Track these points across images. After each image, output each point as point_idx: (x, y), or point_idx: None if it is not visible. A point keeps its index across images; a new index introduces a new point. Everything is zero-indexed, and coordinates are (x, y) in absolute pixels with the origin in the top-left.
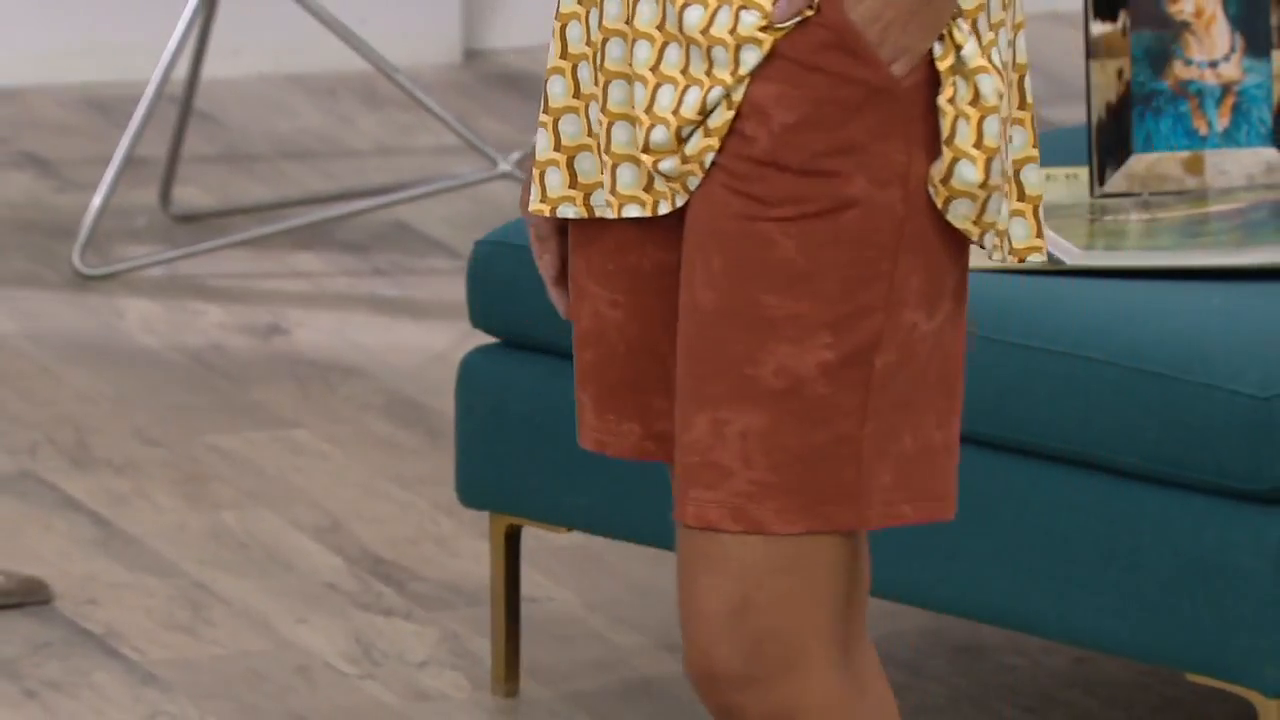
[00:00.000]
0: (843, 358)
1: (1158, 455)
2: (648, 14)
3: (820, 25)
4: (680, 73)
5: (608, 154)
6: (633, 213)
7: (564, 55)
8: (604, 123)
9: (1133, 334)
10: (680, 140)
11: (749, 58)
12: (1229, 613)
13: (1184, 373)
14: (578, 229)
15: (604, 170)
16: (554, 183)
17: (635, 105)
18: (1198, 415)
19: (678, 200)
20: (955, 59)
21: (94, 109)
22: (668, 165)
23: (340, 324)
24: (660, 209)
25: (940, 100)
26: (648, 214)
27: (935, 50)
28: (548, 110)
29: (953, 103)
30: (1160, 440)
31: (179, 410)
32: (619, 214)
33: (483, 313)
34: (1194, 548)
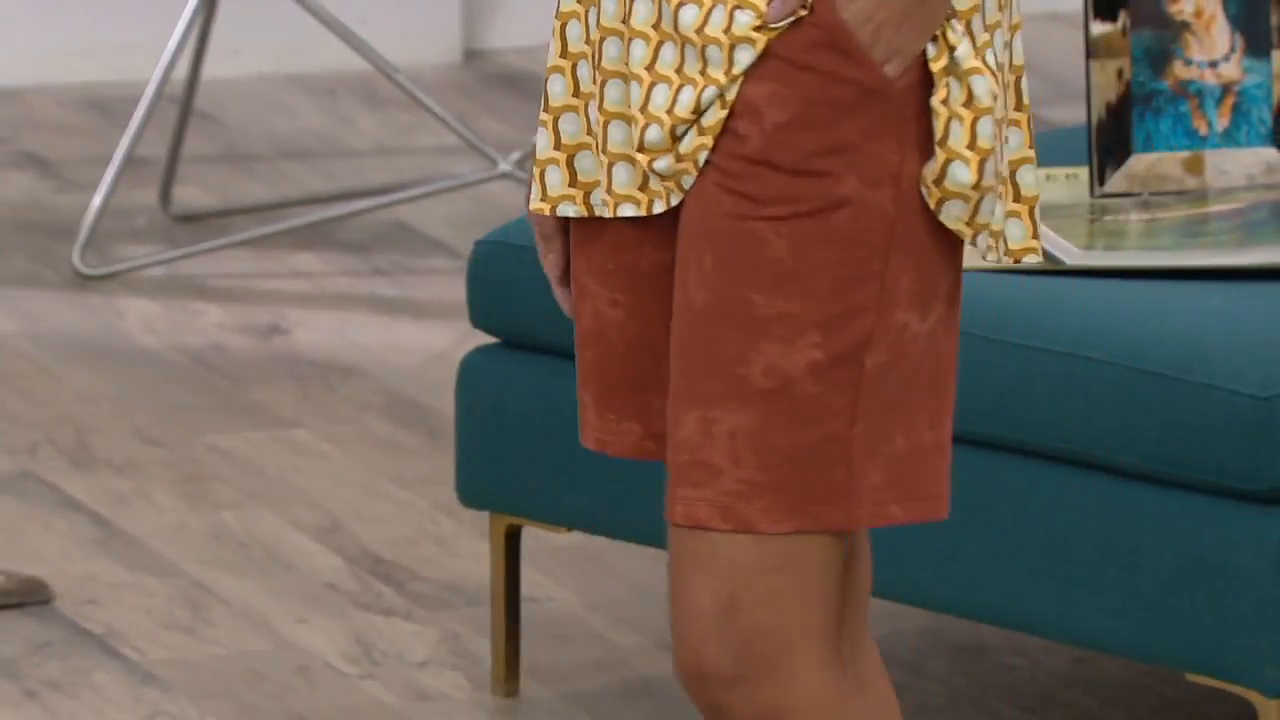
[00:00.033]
0: (832, 357)
1: (1158, 455)
2: (644, 13)
3: (813, 25)
4: (675, 72)
5: (604, 153)
6: (628, 212)
7: (564, 54)
8: (601, 122)
9: (1133, 334)
10: (675, 139)
11: (743, 57)
12: (1229, 613)
13: (1184, 373)
14: (579, 228)
15: (601, 169)
16: (554, 181)
17: (631, 104)
18: (1198, 415)
19: (672, 199)
20: (949, 60)
21: (94, 109)
22: (662, 164)
23: (340, 324)
24: (655, 208)
25: (934, 101)
26: (643, 213)
27: (929, 51)
28: (548, 109)
29: (946, 104)
30: (1160, 440)
31: (179, 410)
32: (614, 213)
33: (483, 313)
34: (1194, 548)
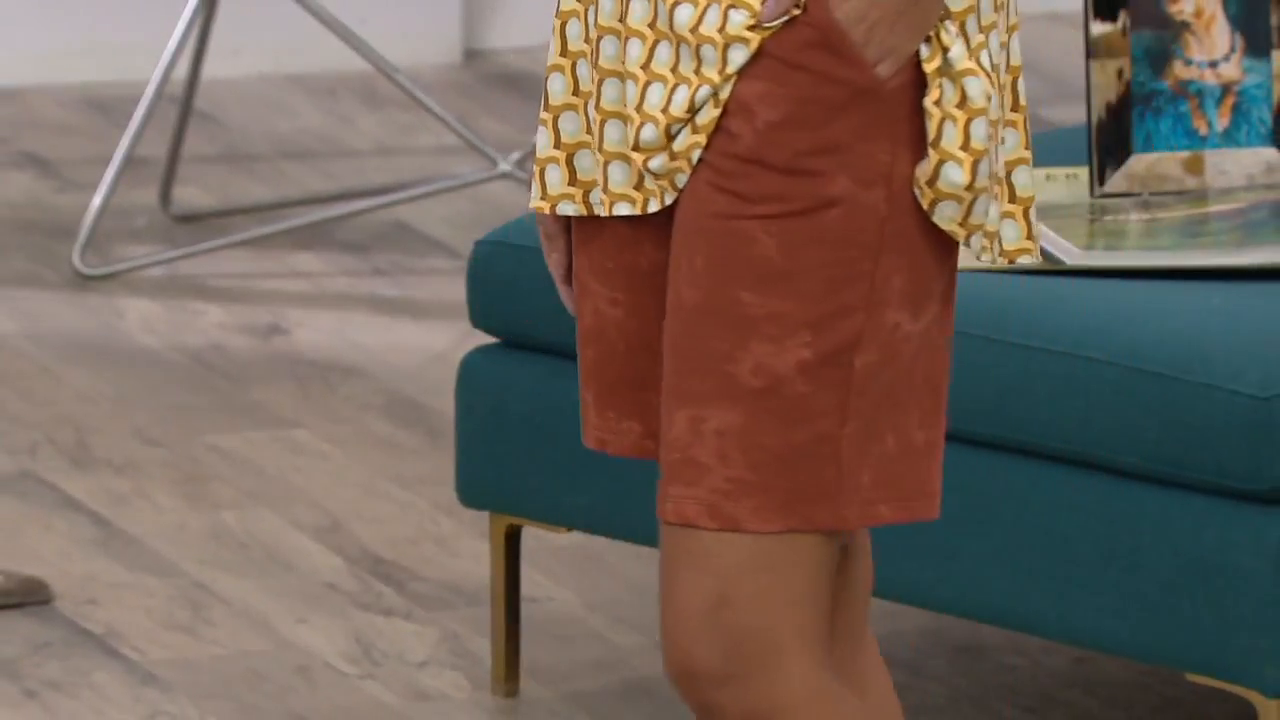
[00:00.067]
0: (822, 357)
1: (1158, 455)
2: (640, 12)
3: (807, 24)
4: (670, 71)
5: (600, 152)
6: (623, 211)
7: (564, 53)
8: (597, 120)
9: (1133, 334)
10: (669, 138)
11: (736, 56)
12: (1229, 613)
13: (1184, 373)
14: (580, 227)
15: (598, 168)
16: (554, 180)
17: (626, 103)
18: (1198, 415)
19: (666, 198)
20: (942, 61)
21: (94, 109)
22: (656, 163)
23: (340, 324)
24: (650, 207)
25: (926, 102)
26: (637, 212)
27: (922, 52)
28: (548, 108)
29: (939, 105)
30: (1160, 440)
31: (179, 410)
32: (610, 212)
33: (483, 313)
34: (1194, 548)
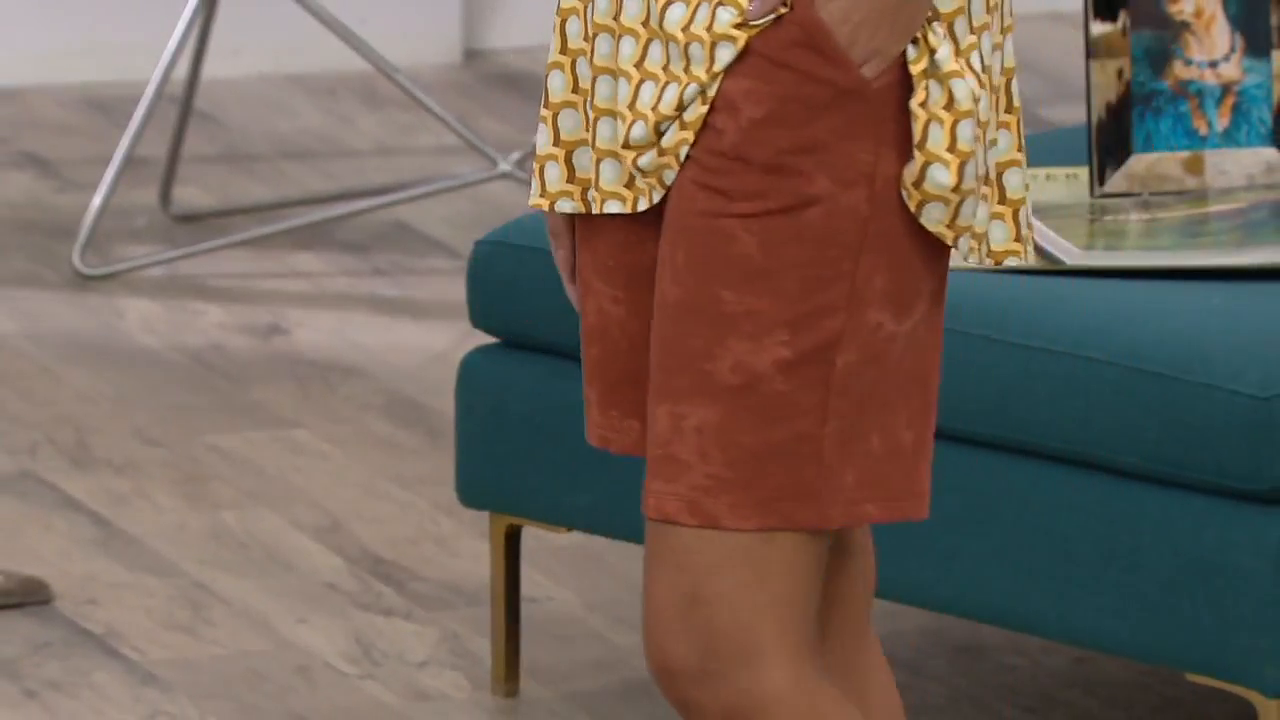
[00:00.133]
0: (800, 356)
1: (1158, 455)
2: (634, 10)
3: (793, 23)
4: (662, 70)
5: (593, 149)
6: (613, 209)
7: (563, 50)
8: (591, 118)
9: (1133, 334)
10: (658, 135)
11: (723, 54)
12: (1229, 613)
13: (1184, 373)
14: (583, 224)
15: (592, 165)
16: (553, 177)
17: (619, 101)
18: (1198, 415)
19: (655, 196)
20: (929, 62)
21: (94, 109)
22: (645, 160)
23: (340, 324)
24: (640, 205)
25: (912, 104)
26: (627, 210)
27: (909, 53)
28: (548, 105)
29: (925, 106)
30: (1160, 440)
31: (179, 410)
32: (600, 209)
33: (483, 313)
34: (1194, 548)
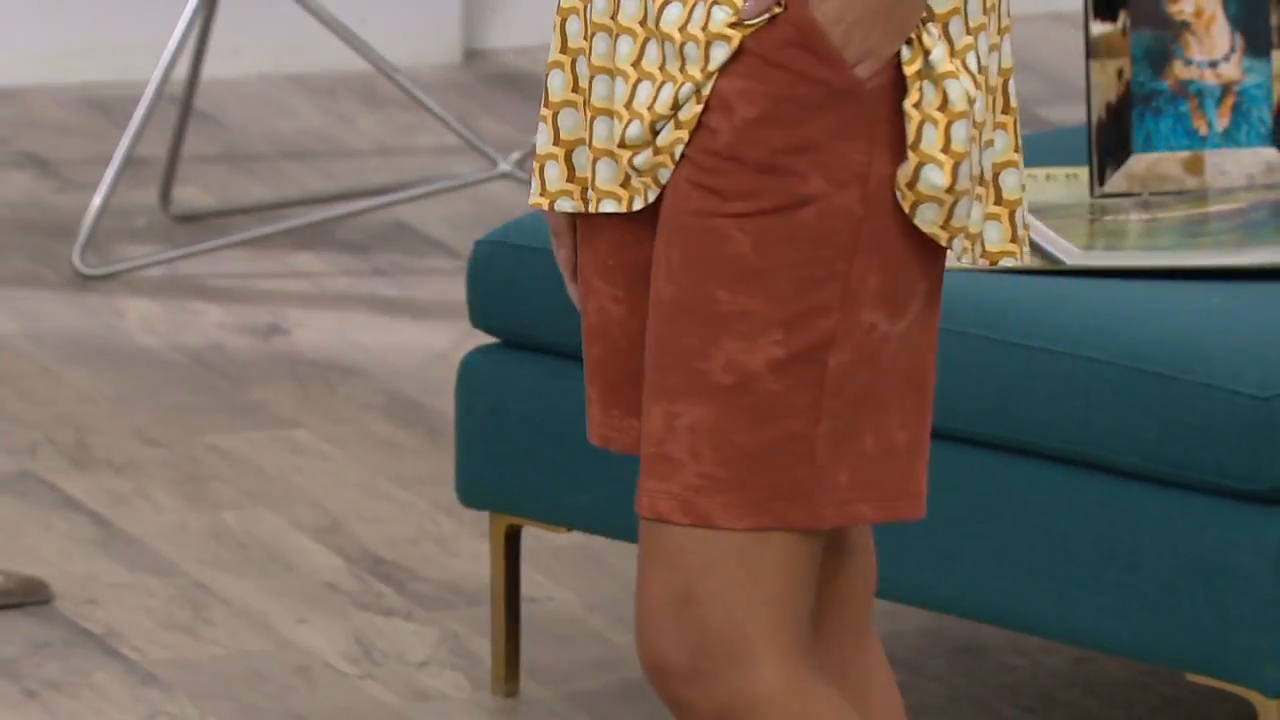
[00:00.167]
0: (793, 355)
1: (1158, 455)
2: (631, 9)
3: (787, 23)
4: (659, 69)
5: (590, 148)
6: (609, 208)
7: (564, 50)
8: (588, 117)
9: (1133, 334)
10: (653, 134)
11: (718, 54)
12: (1229, 613)
13: (1184, 373)
14: (583, 224)
15: (589, 164)
16: (552, 176)
17: (615, 101)
18: (1198, 415)
19: (650, 195)
20: (923, 63)
21: (94, 109)
22: (641, 159)
23: (340, 324)
24: (635, 205)
25: (906, 105)
26: (623, 209)
27: (903, 54)
28: (548, 104)
29: (919, 107)
30: (1160, 440)
31: (179, 410)
32: (596, 209)
33: (483, 313)
34: (1194, 548)
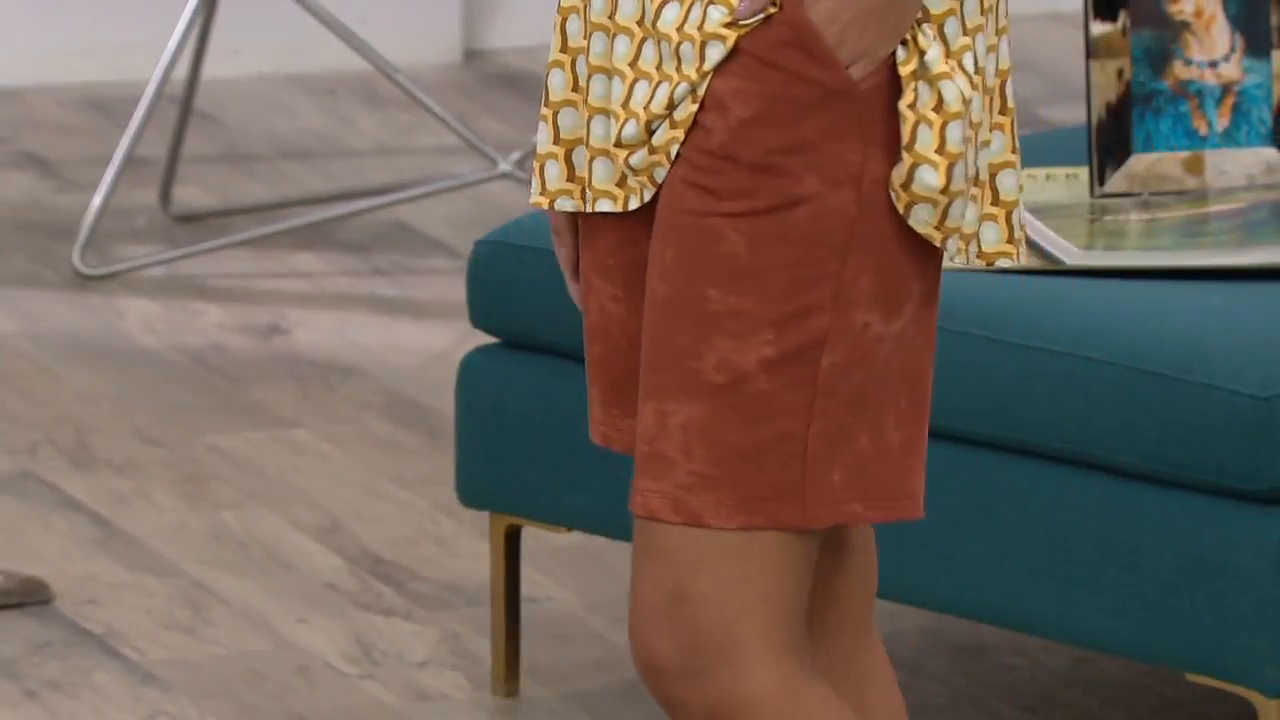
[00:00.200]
0: (785, 355)
1: (1158, 455)
2: (629, 9)
3: (782, 23)
4: (655, 69)
5: (587, 148)
6: (605, 207)
7: (564, 49)
8: (586, 116)
9: (1133, 334)
10: (649, 133)
11: (713, 53)
12: (1229, 613)
13: (1184, 373)
14: (584, 223)
15: (586, 164)
16: (552, 175)
17: (612, 100)
18: (1198, 415)
19: (646, 195)
20: (918, 64)
21: (94, 109)
22: (636, 159)
23: (340, 324)
24: (631, 204)
25: (901, 106)
26: (619, 209)
27: (898, 54)
28: (548, 103)
29: (914, 108)
30: (1160, 440)
31: (179, 410)
32: (592, 208)
33: (483, 313)
34: (1194, 548)
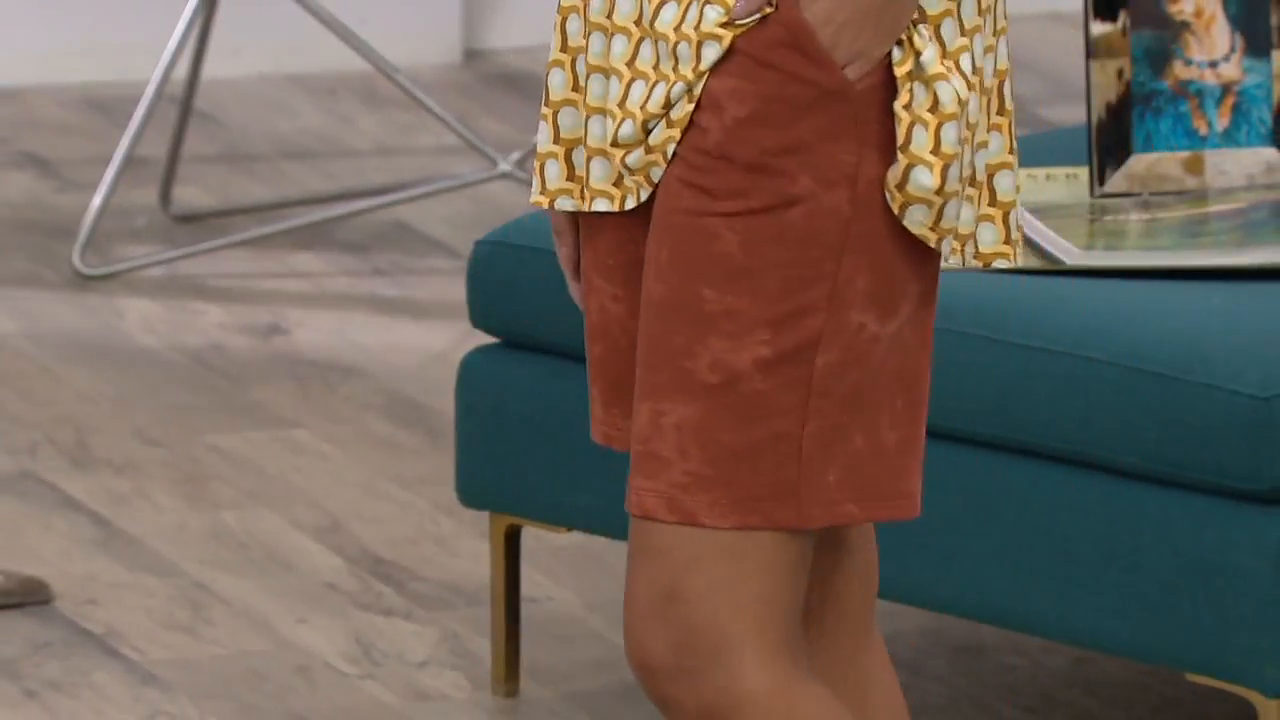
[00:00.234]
0: (781, 355)
1: (1158, 455)
2: (626, 9)
3: (778, 23)
4: (652, 69)
5: (585, 147)
6: (601, 207)
7: (564, 48)
8: (584, 116)
9: (1133, 334)
10: (645, 133)
11: (709, 53)
12: (1229, 613)
13: (1184, 373)
14: (585, 223)
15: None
16: (552, 175)
17: (610, 100)
18: (1198, 415)
19: (642, 194)
20: (914, 65)
21: (94, 109)
22: (633, 158)
23: (340, 324)
24: (628, 204)
25: (896, 106)
26: (615, 209)
27: (894, 55)
28: (548, 103)
29: (909, 109)
30: (1160, 440)
31: (179, 410)
32: (589, 207)
33: (483, 313)
34: (1194, 548)
